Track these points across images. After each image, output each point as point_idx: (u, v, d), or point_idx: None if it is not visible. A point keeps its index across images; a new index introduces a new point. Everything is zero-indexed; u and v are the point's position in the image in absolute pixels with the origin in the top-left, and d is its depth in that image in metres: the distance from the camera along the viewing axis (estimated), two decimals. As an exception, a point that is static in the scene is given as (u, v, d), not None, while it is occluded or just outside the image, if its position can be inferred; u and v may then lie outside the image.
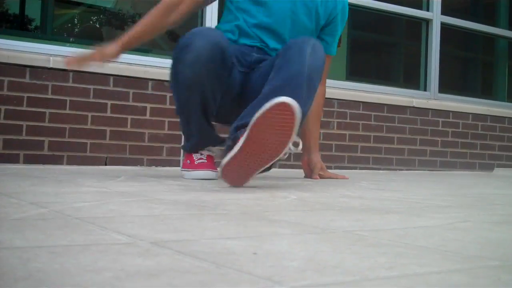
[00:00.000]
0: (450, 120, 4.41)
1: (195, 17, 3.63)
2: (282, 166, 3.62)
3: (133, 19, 4.45)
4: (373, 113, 3.98)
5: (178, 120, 2.25)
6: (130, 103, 3.14)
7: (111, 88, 3.10)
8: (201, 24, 3.58)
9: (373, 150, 3.99)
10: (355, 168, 3.87)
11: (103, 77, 3.08)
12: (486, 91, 6.56)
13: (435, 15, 4.50)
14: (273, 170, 1.96)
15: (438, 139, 4.34)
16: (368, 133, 3.94)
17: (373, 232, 0.93)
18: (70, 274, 0.57)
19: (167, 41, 4.72)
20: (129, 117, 3.13)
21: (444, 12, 4.56)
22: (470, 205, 1.48)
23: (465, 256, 0.74)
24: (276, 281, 0.57)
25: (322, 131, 3.79)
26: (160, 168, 3.08)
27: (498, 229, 1.02)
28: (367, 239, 0.85)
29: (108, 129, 3.07)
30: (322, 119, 3.78)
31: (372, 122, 3.98)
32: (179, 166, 3.26)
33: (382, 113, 4.03)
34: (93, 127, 3.04)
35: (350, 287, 0.56)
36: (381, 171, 3.87)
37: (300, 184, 2.12)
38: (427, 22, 4.52)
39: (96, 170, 2.67)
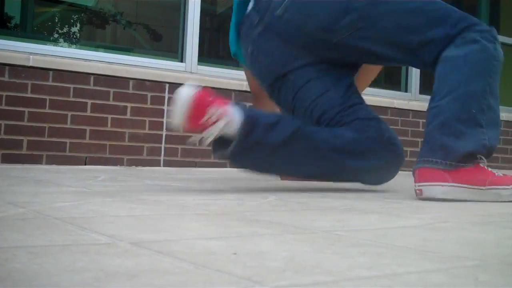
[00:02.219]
0: (431, 121, 4.44)
1: (177, 10, 3.62)
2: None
3: (114, 17, 4.42)
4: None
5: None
6: (111, 102, 3.12)
7: (91, 87, 3.08)
8: (184, 16, 3.57)
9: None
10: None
11: (84, 76, 3.06)
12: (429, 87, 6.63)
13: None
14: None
15: (419, 140, 4.37)
16: (349, 134, 3.96)
17: (353, 232, 0.94)
18: (49, 274, 0.56)
19: (148, 40, 4.70)
20: (110, 116, 3.11)
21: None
22: (450, 205, 1.49)
23: (444, 256, 0.74)
24: (256, 281, 0.57)
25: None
26: (140, 168, 3.07)
27: (477, 229, 1.03)
28: (347, 239, 0.86)
29: (88, 128, 3.05)
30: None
31: (354, 123, 4.00)
32: (159, 166, 3.25)
33: (363, 114, 4.05)
34: (73, 126, 3.01)
35: (330, 287, 0.56)
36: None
37: (280, 184, 2.12)
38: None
39: (76, 170, 2.65)
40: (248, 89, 3.56)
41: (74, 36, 4.24)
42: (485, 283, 0.59)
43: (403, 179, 2.43)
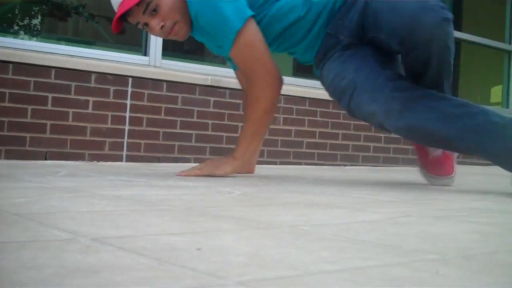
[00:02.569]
0: (393, 117, 4.50)
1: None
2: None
3: (76, 10, 4.34)
4: (319, 109, 4.02)
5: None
6: (72, 96, 3.07)
7: (52, 80, 3.02)
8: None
9: (318, 145, 4.03)
10: (300, 163, 3.91)
11: (44, 70, 3.00)
12: (427, 89, 6.73)
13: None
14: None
15: (382, 135, 4.43)
16: (313, 129, 3.98)
17: (317, 226, 0.94)
18: (7, 271, 0.55)
19: (110, 33, 4.64)
20: (71, 110, 3.06)
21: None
22: (411, 200, 1.51)
23: (406, 250, 0.75)
24: (219, 276, 0.56)
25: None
26: (102, 163, 3.03)
27: (438, 223, 1.05)
28: (311, 233, 0.86)
29: (48, 122, 3.00)
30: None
31: (318, 118, 4.03)
32: (122, 161, 3.21)
33: (327, 109, 4.08)
34: (33, 120, 2.95)
35: (293, 281, 0.56)
36: (325, 167, 3.92)
37: (245, 179, 2.12)
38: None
39: (36, 165, 2.60)
40: (213, 84, 3.55)
41: (35, 29, 4.16)
42: (445, 276, 0.60)
43: (365, 173, 2.47)
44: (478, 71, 7.82)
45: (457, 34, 5.50)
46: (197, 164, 2.24)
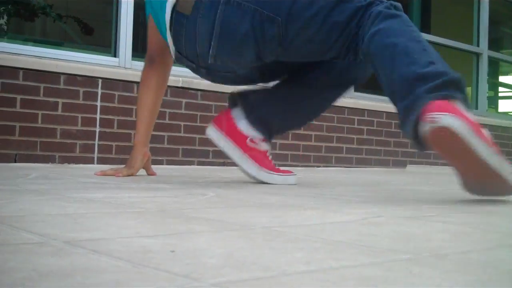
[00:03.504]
0: (366, 118, 4.55)
1: (110, 3, 3.55)
2: (200, 163, 3.61)
3: (44, 10, 4.28)
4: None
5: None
6: (41, 98, 3.02)
7: (20, 82, 2.97)
8: (117, 10, 3.50)
9: (292, 147, 4.05)
10: (272, 165, 3.92)
11: (12, 71, 2.96)
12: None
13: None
14: (193, 167, 1.95)
15: (354, 136, 4.47)
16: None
17: (290, 228, 0.94)
18: (-25, 276, 0.54)
19: (79, 34, 4.59)
20: (40, 112, 3.02)
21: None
22: (384, 200, 1.53)
23: (379, 250, 0.76)
24: (194, 278, 0.56)
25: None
26: (73, 165, 2.99)
27: (410, 223, 1.06)
28: (284, 235, 0.86)
29: (17, 124, 2.95)
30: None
31: (290, 120, 4.04)
32: (93, 163, 3.18)
33: (299, 111, 4.10)
34: (2, 122, 2.90)
35: (268, 282, 0.56)
36: (299, 168, 3.94)
37: (219, 181, 2.11)
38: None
39: (5, 167, 2.55)
40: (184, 86, 3.54)
41: (1, 29, 4.09)
42: (418, 275, 0.61)
43: (338, 175, 2.48)
44: (447, 73, 7.93)
45: (426, 36, 5.58)
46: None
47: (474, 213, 1.30)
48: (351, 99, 4.47)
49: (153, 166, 2.37)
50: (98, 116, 3.20)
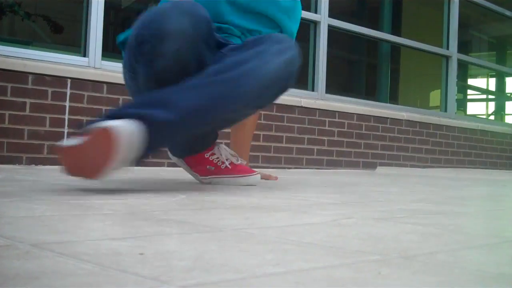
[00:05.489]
0: (336, 120, 4.57)
1: (80, 2, 3.51)
2: (172, 165, 3.59)
3: (12, 8, 4.21)
4: (263, 112, 4.04)
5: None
6: (8, 97, 2.97)
7: (-12, 81, 2.92)
8: (87, 9, 3.46)
9: (263, 148, 4.05)
10: (244, 166, 3.91)
11: (-20, 70, 2.90)
12: (369, 92, 6.89)
13: (323, 17, 4.65)
14: (163, 169, 1.93)
15: (325, 138, 4.49)
16: (258, 132, 4.00)
17: (261, 229, 0.94)
18: None
19: (48, 33, 4.52)
20: (7, 112, 2.96)
21: (331, 15, 4.72)
22: (354, 202, 1.54)
23: (348, 251, 0.76)
24: (163, 281, 0.56)
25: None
26: (40, 167, 2.95)
27: (380, 225, 1.07)
28: (255, 237, 0.86)
29: (-15, 125, 2.89)
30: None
31: (262, 121, 4.05)
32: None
33: (271, 112, 4.11)
34: (-32, 122, 2.85)
35: (238, 284, 0.56)
36: (270, 169, 3.94)
37: (189, 183, 2.10)
38: (315, 24, 4.66)
39: (-29, 168, 2.50)
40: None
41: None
42: (387, 276, 0.61)
43: (309, 176, 2.49)
44: (418, 76, 8.04)
45: (397, 39, 5.65)
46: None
47: (442, 214, 1.32)
48: (322, 101, 4.50)
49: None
50: (66, 116, 3.16)
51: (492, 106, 9.04)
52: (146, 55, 1.66)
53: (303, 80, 4.69)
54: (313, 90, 4.60)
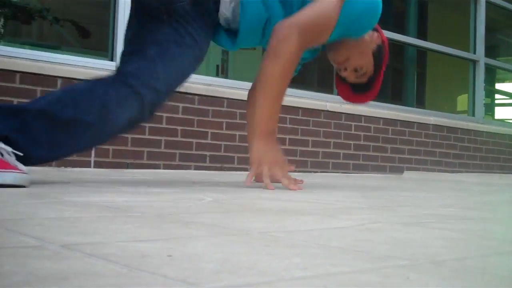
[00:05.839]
0: (362, 124, 4.55)
1: (107, 7, 3.55)
2: (197, 168, 3.60)
3: (40, 13, 4.28)
4: (288, 116, 4.04)
5: None
6: (39, 101, 3.02)
7: (17, 85, 2.97)
8: (114, 14, 3.50)
9: (288, 152, 4.05)
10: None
11: (9, 74, 2.95)
12: (396, 97, 6.84)
13: (348, 22, 4.62)
14: (190, 172, 1.94)
15: (351, 142, 4.47)
16: (283, 136, 4.00)
17: (288, 233, 0.94)
18: (-29, 280, 0.54)
19: (76, 38, 4.59)
20: (38, 116, 3.01)
21: (357, 19, 4.69)
22: (381, 206, 1.53)
23: (376, 256, 0.76)
24: (190, 283, 0.56)
25: (238, 133, 3.81)
26: (70, 169, 2.99)
27: (407, 229, 1.06)
28: (282, 240, 0.86)
29: (15, 128, 2.94)
30: (233, 121, 3.81)
31: (288, 125, 4.04)
32: (90, 167, 3.18)
33: (297, 116, 4.10)
34: (-1, 125, 2.90)
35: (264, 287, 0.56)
36: (296, 173, 3.94)
37: (216, 186, 2.11)
38: (340, 28, 4.63)
39: (2, 170, 2.54)
40: (182, 91, 3.53)
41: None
42: (416, 281, 0.61)
43: (335, 180, 2.48)
44: (444, 80, 7.96)
45: (423, 43, 5.60)
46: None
47: (471, 219, 1.30)
48: (348, 105, 4.48)
49: (148, 171, 2.36)
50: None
51: (520, 111, 8.90)
52: None
53: (329, 84, 4.68)
54: (338, 94, 4.58)
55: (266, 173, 1.93)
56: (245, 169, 3.76)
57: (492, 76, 7.74)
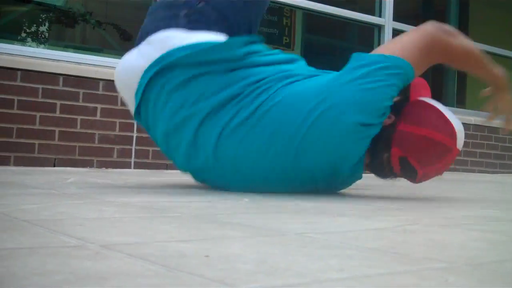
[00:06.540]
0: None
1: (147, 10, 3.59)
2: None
3: (84, 17, 4.37)
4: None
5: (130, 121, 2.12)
6: (80, 103, 3.08)
7: (60, 87, 3.04)
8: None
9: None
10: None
11: (52, 77, 3.02)
12: (436, 96, 6.73)
13: (387, 21, 4.59)
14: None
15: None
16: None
17: (324, 234, 0.94)
18: (17, 277, 0.55)
19: (118, 41, 4.66)
20: (79, 117, 3.07)
21: (396, 18, 4.65)
22: (419, 208, 1.51)
23: (413, 258, 0.75)
24: (227, 283, 0.57)
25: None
26: (110, 170, 3.04)
27: (445, 231, 1.04)
28: (318, 241, 0.86)
29: (57, 129, 3.01)
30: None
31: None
32: (130, 168, 3.23)
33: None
34: (42, 127, 2.97)
35: (301, 289, 0.56)
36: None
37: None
38: (379, 28, 4.60)
39: (45, 171, 2.61)
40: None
41: (42, 36, 4.18)
42: (454, 284, 0.60)
43: (370, 181, 2.46)
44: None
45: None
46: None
47: (511, 221, 1.28)
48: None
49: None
50: (135, 121, 3.24)
51: None
52: None
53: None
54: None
55: None
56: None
57: (536, 75, 7.54)
